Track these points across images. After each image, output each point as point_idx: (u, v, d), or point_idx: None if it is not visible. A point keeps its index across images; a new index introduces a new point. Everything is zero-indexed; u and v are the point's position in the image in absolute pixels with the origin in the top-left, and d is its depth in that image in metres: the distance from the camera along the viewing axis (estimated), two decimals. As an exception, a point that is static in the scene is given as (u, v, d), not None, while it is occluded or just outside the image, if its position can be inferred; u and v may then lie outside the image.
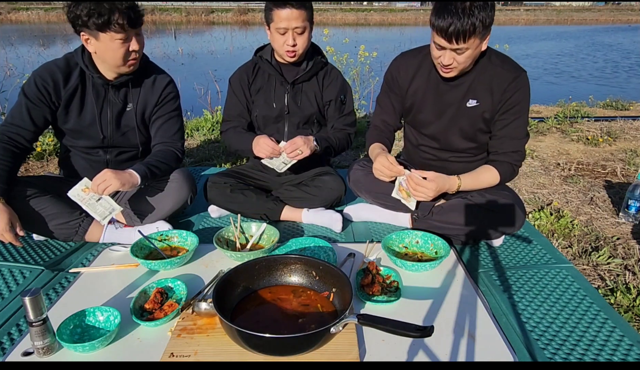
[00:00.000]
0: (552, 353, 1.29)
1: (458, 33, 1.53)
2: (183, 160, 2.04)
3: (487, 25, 1.56)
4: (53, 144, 3.17)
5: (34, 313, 1.17)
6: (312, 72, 2.10)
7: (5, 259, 1.75)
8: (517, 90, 1.72)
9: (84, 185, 1.74)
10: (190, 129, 3.79)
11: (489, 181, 1.81)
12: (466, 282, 1.61)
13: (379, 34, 19.33)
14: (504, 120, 1.77)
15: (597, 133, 3.81)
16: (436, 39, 1.61)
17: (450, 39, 1.56)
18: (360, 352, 1.25)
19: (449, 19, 1.52)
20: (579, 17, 35.57)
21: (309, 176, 2.21)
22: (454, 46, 1.58)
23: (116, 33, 1.63)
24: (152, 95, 1.92)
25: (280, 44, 1.95)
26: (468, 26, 1.51)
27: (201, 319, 1.34)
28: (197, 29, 21.20)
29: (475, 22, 1.51)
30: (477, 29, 1.53)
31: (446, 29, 1.53)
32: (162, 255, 1.73)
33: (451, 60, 1.63)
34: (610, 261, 1.89)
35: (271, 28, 1.95)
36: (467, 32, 1.53)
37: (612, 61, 11.35)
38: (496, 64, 1.75)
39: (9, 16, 26.12)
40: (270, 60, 2.09)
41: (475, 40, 1.57)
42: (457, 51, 1.60)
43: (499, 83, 1.73)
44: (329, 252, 1.72)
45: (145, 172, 1.79)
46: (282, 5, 1.87)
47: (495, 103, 1.76)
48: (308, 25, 1.96)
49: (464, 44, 1.56)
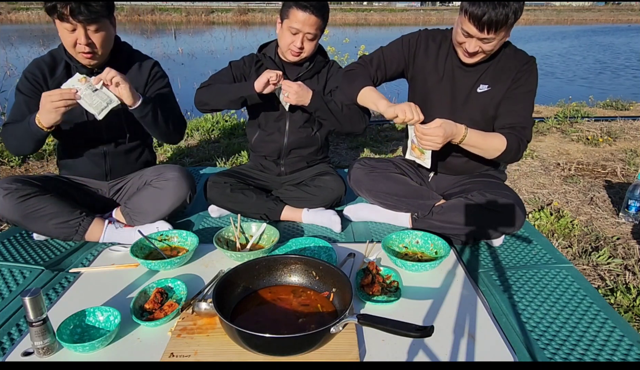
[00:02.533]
0: (552, 353, 1.29)
1: (491, 23, 1.52)
2: (185, 129, 2.03)
3: (518, 17, 1.55)
4: (53, 144, 3.17)
5: (34, 313, 1.17)
6: (314, 70, 2.10)
7: (5, 259, 1.75)
8: (526, 72, 1.75)
9: (80, 77, 1.68)
10: (190, 129, 3.79)
11: (494, 144, 1.74)
12: (466, 282, 1.61)
13: (379, 34, 19.32)
14: (511, 100, 1.77)
15: (597, 133, 3.81)
16: (465, 25, 1.59)
17: (483, 28, 1.55)
18: (360, 352, 1.25)
19: (484, 7, 1.50)
20: (579, 17, 35.56)
21: (309, 176, 2.21)
22: (483, 35, 1.57)
23: (60, 21, 1.65)
24: (140, 77, 1.93)
25: (288, 42, 1.95)
26: (502, 17, 1.51)
27: (201, 319, 1.34)
28: (197, 29, 21.20)
29: (509, 13, 1.51)
30: (509, 20, 1.53)
31: (480, 17, 1.52)
32: (162, 255, 1.73)
33: (477, 48, 1.63)
34: (610, 261, 1.89)
35: (284, 24, 1.95)
36: (500, 22, 1.52)
37: (611, 61, 11.35)
38: (509, 53, 1.77)
39: (9, 16, 26.11)
40: (273, 57, 2.09)
41: (504, 31, 1.57)
42: (484, 40, 1.59)
43: (510, 67, 1.76)
44: (329, 252, 1.72)
45: (149, 99, 1.78)
46: (302, 7, 1.86)
47: (506, 85, 1.77)
48: (319, 33, 1.97)
49: (494, 34, 1.55)
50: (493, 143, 1.74)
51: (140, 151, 2.07)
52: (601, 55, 12.52)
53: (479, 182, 1.92)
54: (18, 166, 2.99)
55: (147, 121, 1.81)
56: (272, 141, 2.18)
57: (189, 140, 3.62)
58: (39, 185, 1.79)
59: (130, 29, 19.61)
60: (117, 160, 1.99)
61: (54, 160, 3.10)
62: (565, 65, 10.50)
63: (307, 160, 2.25)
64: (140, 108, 1.76)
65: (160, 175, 1.95)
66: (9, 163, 2.98)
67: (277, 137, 2.16)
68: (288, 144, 2.16)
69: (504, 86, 1.78)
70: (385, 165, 2.08)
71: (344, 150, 3.43)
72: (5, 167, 2.96)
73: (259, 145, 2.22)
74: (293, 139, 2.15)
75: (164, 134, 1.92)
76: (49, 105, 1.60)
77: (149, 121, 1.82)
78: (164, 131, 1.90)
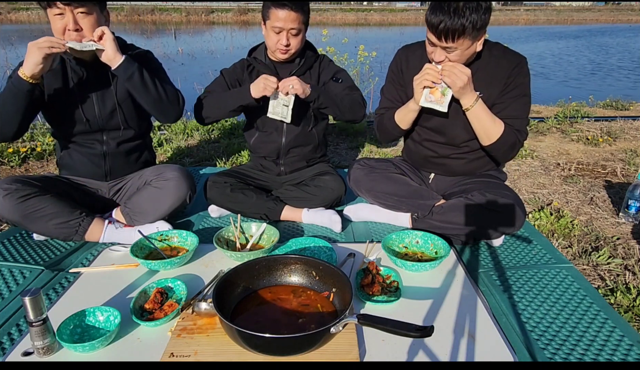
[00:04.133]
0: (552, 353, 1.29)
1: (447, 31, 1.57)
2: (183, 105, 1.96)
3: (478, 28, 1.58)
4: (53, 144, 3.17)
5: (34, 313, 1.17)
6: (306, 66, 2.11)
7: (5, 259, 1.75)
8: (518, 76, 1.76)
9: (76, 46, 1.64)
10: (190, 129, 3.79)
11: (495, 127, 1.75)
12: (466, 282, 1.61)
13: (379, 34, 19.32)
14: (505, 102, 1.78)
15: (597, 133, 3.81)
16: (428, 35, 1.66)
17: (440, 37, 1.60)
18: (360, 352, 1.25)
19: (440, 17, 1.56)
20: (578, 17, 35.56)
21: (309, 176, 2.22)
22: (443, 44, 1.62)
23: (49, 8, 1.64)
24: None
25: (274, 41, 1.97)
26: (457, 26, 1.55)
27: (201, 319, 1.34)
28: (197, 29, 21.20)
29: (465, 23, 1.54)
30: (466, 30, 1.56)
31: (436, 26, 1.58)
32: (162, 255, 1.73)
33: (442, 57, 1.67)
34: (610, 261, 1.89)
35: (267, 25, 1.97)
36: (456, 31, 1.56)
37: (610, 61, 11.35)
38: (498, 56, 1.78)
39: (9, 16, 26.10)
40: (264, 60, 2.10)
41: (465, 41, 1.60)
42: (447, 49, 1.64)
43: (501, 70, 1.76)
44: (329, 252, 1.72)
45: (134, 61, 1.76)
46: (280, 5, 1.89)
47: (499, 90, 1.77)
48: (303, 27, 1.98)
49: (452, 43, 1.60)
50: (494, 124, 1.76)
51: (140, 151, 2.07)
52: (594, 56, 12.51)
53: (479, 182, 1.93)
54: (18, 166, 2.99)
55: (135, 85, 1.77)
56: (270, 141, 2.18)
57: (189, 140, 3.62)
58: (39, 185, 1.79)
59: (130, 29, 19.60)
60: (116, 160, 1.99)
61: (54, 160, 3.10)
62: (558, 66, 10.49)
63: (307, 159, 2.25)
64: (125, 65, 1.73)
65: (160, 175, 1.95)
66: (9, 163, 2.98)
67: (275, 137, 2.17)
68: (286, 143, 2.17)
69: (495, 91, 1.78)
70: (385, 165, 2.09)
71: (344, 150, 3.43)
72: (5, 167, 2.96)
73: (258, 146, 2.22)
74: (291, 138, 2.16)
75: (158, 103, 1.85)
76: (33, 47, 1.57)
77: (138, 84, 1.77)
78: (157, 99, 1.84)
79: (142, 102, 1.85)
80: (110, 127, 1.92)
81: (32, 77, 1.62)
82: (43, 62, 1.59)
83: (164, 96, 1.85)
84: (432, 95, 1.77)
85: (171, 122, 1.96)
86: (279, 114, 2.01)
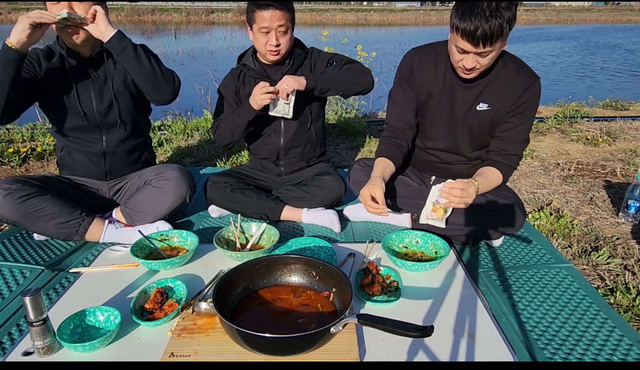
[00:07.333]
0: (552, 353, 1.29)
1: (486, 36, 1.44)
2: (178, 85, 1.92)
3: (513, 25, 1.49)
4: (53, 144, 3.17)
5: (34, 313, 1.17)
6: (296, 64, 2.10)
7: (6, 259, 1.75)
8: (531, 96, 1.69)
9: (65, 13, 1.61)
10: (190, 129, 3.79)
11: (496, 184, 1.77)
12: (466, 282, 1.61)
13: (379, 34, 19.33)
14: (511, 123, 1.73)
15: (596, 133, 3.81)
16: (459, 43, 1.51)
17: (477, 43, 1.47)
18: (360, 352, 1.25)
19: (476, 22, 1.43)
20: (578, 17, 35.57)
21: (309, 176, 2.22)
22: (479, 50, 1.49)
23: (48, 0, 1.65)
24: None
25: (263, 43, 1.96)
26: (496, 28, 1.43)
27: (201, 319, 1.35)
28: (197, 29, 21.20)
29: (502, 24, 1.43)
30: (504, 30, 1.45)
31: (473, 32, 1.44)
32: (162, 255, 1.73)
33: (474, 63, 1.56)
34: (610, 261, 1.89)
35: (254, 29, 1.97)
36: (495, 34, 1.44)
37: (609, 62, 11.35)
38: (512, 68, 1.69)
39: (9, 16, 26.09)
40: (253, 65, 2.10)
41: (501, 42, 1.51)
42: (482, 54, 1.53)
43: (514, 88, 1.69)
44: (329, 252, 1.73)
45: (127, 37, 1.75)
46: (264, 6, 1.89)
47: (507, 107, 1.72)
48: (290, 25, 1.98)
49: (490, 47, 1.48)
50: (495, 183, 1.76)
51: (139, 151, 2.07)
52: (594, 56, 12.52)
53: (479, 183, 1.92)
54: (18, 166, 2.99)
55: (128, 57, 1.75)
56: (269, 143, 2.18)
57: (189, 140, 3.62)
58: (39, 185, 1.79)
59: (130, 29, 19.61)
60: (116, 159, 1.99)
61: (54, 160, 3.10)
62: (558, 66, 10.49)
63: (306, 158, 2.25)
64: (117, 37, 1.72)
65: (159, 175, 1.95)
66: (9, 163, 2.99)
67: (274, 138, 2.17)
68: (285, 144, 2.17)
69: (505, 108, 1.72)
70: (385, 165, 2.08)
71: (344, 150, 3.43)
72: (5, 167, 2.96)
73: (257, 148, 2.23)
74: (289, 139, 2.16)
75: (152, 78, 1.80)
76: (23, 17, 1.56)
77: (131, 57, 1.75)
78: (152, 73, 1.80)
79: (136, 78, 1.80)
80: (108, 123, 1.92)
81: (19, 45, 1.58)
82: (30, 29, 1.56)
83: (158, 71, 1.82)
84: (434, 213, 1.75)
85: (167, 101, 1.89)
86: (281, 112, 2.01)
